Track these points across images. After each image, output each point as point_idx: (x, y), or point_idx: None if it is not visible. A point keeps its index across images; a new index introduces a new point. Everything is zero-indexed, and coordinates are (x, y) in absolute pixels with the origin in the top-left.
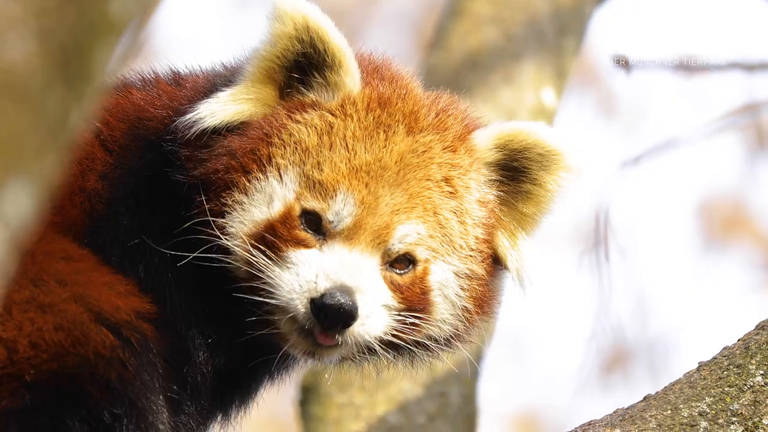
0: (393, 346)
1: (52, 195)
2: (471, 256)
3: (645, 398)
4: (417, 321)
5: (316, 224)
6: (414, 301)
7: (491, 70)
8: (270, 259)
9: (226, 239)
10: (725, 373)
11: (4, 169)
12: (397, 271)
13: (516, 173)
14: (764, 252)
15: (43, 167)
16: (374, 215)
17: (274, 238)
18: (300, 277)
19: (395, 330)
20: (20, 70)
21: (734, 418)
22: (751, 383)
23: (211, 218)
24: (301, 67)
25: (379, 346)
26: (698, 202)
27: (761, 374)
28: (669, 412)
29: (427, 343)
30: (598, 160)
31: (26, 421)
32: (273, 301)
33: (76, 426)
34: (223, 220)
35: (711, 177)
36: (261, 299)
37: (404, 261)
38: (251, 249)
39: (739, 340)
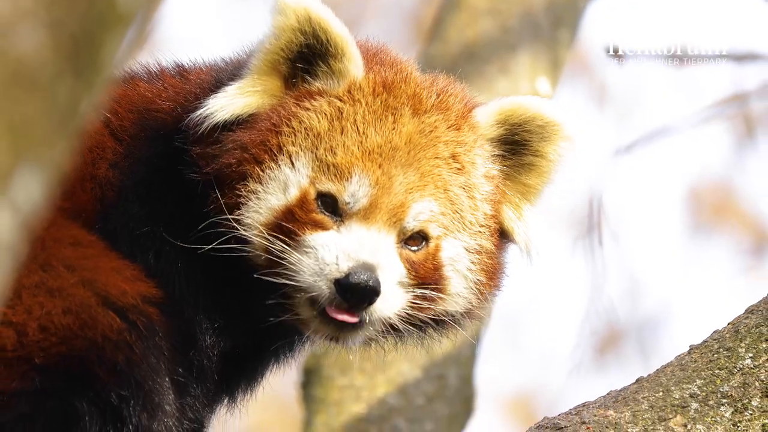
0: (412, 322)
1: (62, 181)
2: (480, 231)
3: (637, 380)
4: (432, 295)
5: (332, 206)
6: (427, 277)
7: (488, 60)
8: (288, 245)
9: (243, 230)
10: (715, 356)
11: (15, 156)
12: (412, 248)
13: (517, 147)
14: (752, 237)
15: (53, 154)
16: (389, 194)
17: (291, 224)
18: (320, 260)
19: (412, 305)
20: (31, 61)
21: (724, 400)
22: (741, 366)
23: (227, 212)
24: (305, 58)
25: (400, 322)
26: (688, 189)
27: (750, 357)
28: (661, 393)
29: (445, 317)
30: (591, 148)
31: (36, 402)
32: (295, 284)
33: (85, 408)
34: (239, 212)
35: (700, 164)
36: (282, 282)
37: (418, 238)
38: (269, 237)
39: (728, 324)
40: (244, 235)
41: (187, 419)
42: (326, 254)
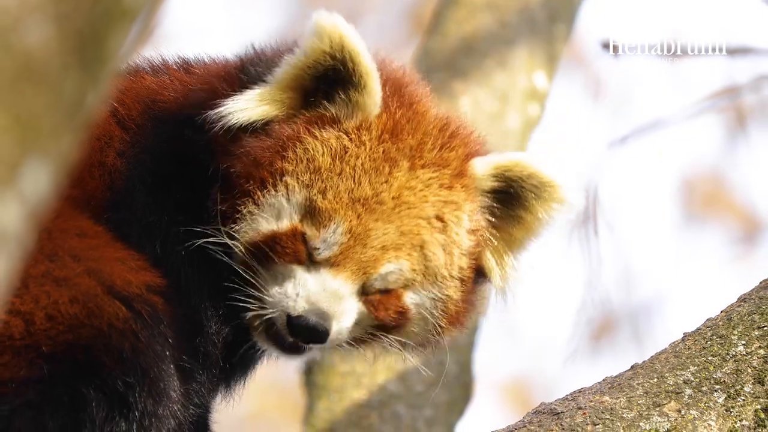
0: (360, 342)
1: (69, 172)
2: (451, 285)
3: (632, 367)
4: (381, 338)
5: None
6: (387, 319)
7: (486, 54)
8: (262, 265)
9: (231, 243)
10: (709, 343)
11: (23, 149)
12: (375, 293)
13: (510, 198)
14: (743, 227)
15: (60, 147)
16: (363, 246)
17: (270, 249)
18: (283, 289)
19: (359, 339)
20: (38, 55)
21: (717, 386)
22: (734, 353)
23: (221, 221)
24: (328, 81)
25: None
26: (681, 180)
27: (743, 344)
28: (655, 380)
29: (395, 345)
30: (587, 140)
31: (44, 390)
32: (255, 308)
33: (91, 394)
34: (233, 225)
35: (693, 156)
36: (248, 293)
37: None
38: (247, 255)
39: (721, 312)
40: (230, 245)
41: (193, 405)
42: (289, 287)
